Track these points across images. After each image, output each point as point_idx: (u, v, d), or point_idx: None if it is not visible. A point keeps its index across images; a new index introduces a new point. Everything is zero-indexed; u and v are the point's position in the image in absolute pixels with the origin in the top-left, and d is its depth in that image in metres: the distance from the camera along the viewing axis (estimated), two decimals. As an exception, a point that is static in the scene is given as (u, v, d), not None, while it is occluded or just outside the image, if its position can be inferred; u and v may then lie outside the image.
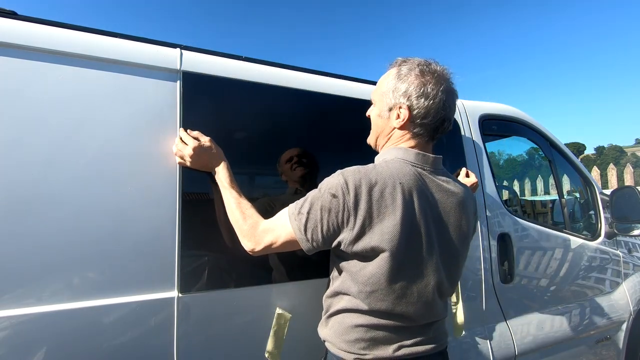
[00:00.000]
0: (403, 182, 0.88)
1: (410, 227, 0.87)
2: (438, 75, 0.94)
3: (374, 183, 0.86)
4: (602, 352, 1.87)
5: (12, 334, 0.82)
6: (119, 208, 0.93)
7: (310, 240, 0.89)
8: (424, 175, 0.93)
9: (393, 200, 0.86)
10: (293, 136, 1.25)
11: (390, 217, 0.85)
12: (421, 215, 0.88)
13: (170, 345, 0.95)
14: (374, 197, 0.85)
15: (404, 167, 0.91)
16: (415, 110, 0.93)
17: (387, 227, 0.85)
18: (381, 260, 0.86)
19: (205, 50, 1.16)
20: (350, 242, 0.87)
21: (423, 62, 0.95)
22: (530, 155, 4.03)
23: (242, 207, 0.99)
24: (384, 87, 0.99)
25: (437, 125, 0.95)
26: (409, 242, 0.87)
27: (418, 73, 0.93)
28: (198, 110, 1.07)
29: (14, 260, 0.83)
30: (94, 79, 0.95)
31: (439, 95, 0.92)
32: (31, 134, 0.87)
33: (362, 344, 0.90)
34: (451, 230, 0.95)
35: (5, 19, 0.91)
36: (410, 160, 0.93)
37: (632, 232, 1.99)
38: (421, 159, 0.95)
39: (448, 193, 0.96)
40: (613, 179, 7.71)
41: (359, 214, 0.85)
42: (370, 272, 0.87)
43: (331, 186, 0.88)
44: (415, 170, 0.92)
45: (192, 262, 1.01)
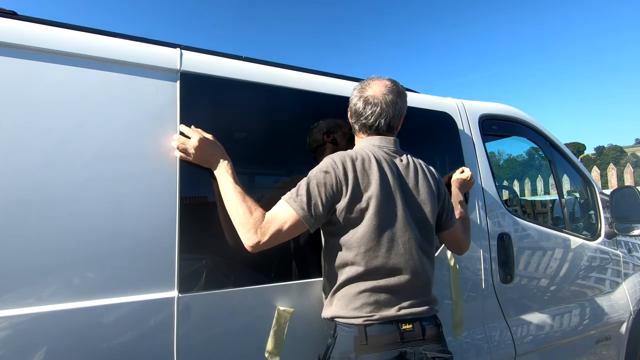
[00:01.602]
0: (375, 155, 1.10)
1: (386, 189, 1.06)
2: (372, 85, 1.19)
3: (356, 157, 1.07)
4: (602, 352, 1.87)
5: (12, 334, 0.81)
6: (119, 208, 0.93)
7: (313, 215, 1.00)
8: (388, 153, 1.15)
9: (371, 169, 1.06)
10: (293, 136, 1.25)
11: (371, 182, 1.05)
12: (391, 180, 1.08)
13: (170, 345, 0.95)
14: (358, 167, 1.05)
15: (372, 147, 1.14)
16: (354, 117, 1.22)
17: (370, 190, 1.04)
18: (368, 220, 1.03)
19: (205, 50, 1.16)
20: (344, 208, 1.02)
21: (368, 80, 1.22)
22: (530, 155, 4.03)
23: (247, 202, 1.00)
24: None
25: (379, 121, 1.16)
26: (387, 201, 1.05)
27: (359, 89, 1.21)
28: (197, 110, 1.07)
29: (14, 260, 0.82)
30: (94, 79, 0.95)
31: (380, 99, 1.17)
32: (31, 134, 0.87)
33: (368, 308, 1.02)
34: (415, 192, 1.13)
35: (5, 19, 0.91)
36: (376, 144, 1.16)
37: (632, 232, 1.99)
38: (384, 141, 1.17)
39: (408, 165, 1.16)
40: (613, 179, 7.71)
41: (348, 182, 1.03)
42: (361, 233, 1.03)
43: (322, 166, 1.05)
44: (381, 149, 1.14)
45: (192, 262, 1.01)
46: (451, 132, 1.59)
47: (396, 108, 1.17)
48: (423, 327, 1.05)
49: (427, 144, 1.56)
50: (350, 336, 1.01)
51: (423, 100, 1.58)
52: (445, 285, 1.41)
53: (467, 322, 1.44)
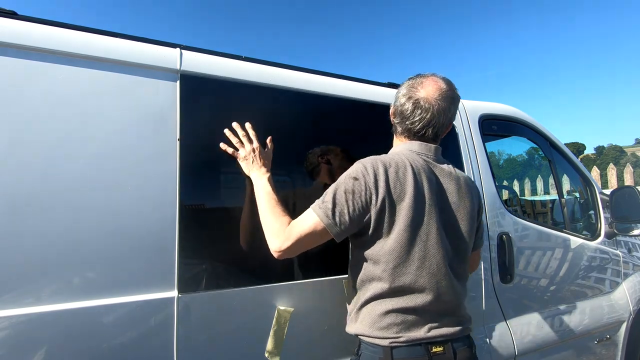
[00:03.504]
0: (413, 163, 1.00)
1: (421, 201, 0.97)
2: (425, 86, 1.07)
3: (389, 164, 0.98)
4: (602, 351, 1.87)
5: (12, 334, 0.82)
6: (119, 208, 0.93)
7: (338, 223, 0.94)
8: (427, 161, 1.05)
9: (406, 178, 0.97)
10: (293, 137, 1.25)
11: (405, 192, 0.96)
12: (428, 191, 0.99)
13: (170, 345, 0.95)
14: (391, 175, 0.96)
15: (410, 155, 1.04)
16: (399, 118, 1.11)
17: (403, 201, 0.96)
18: (398, 234, 0.95)
19: (205, 50, 1.16)
20: (373, 218, 0.95)
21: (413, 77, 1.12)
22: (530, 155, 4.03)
23: (276, 209, 1.02)
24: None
25: (428, 130, 1.07)
26: (421, 214, 0.97)
27: (409, 85, 1.10)
28: (197, 110, 1.07)
29: (14, 260, 0.82)
30: (94, 78, 0.95)
31: (434, 105, 1.05)
32: (31, 134, 0.87)
33: (395, 329, 0.95)
34: (454, 207, 1.04)
35: (5, 19, 0.91)
36: (415, 150, 1.06)
37: (632, 232, 1.99)
38: (424, 148, 1.06)
39: (450, 176, 1.06)
40: (613, 179, 7.71)
41: (379, 191, 0.95)
42: (390, 247, 0.95)
43: (351, 172, 0.98)
44: (420, 157, 1.04)
45: (191, 262, 1.01)
46: (450, 132, 1.59)
47: (447, 116, 1.06)
48: (454, 350, 0.97)
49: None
50: (375, 357, 0.95)
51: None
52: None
53: (467, 322, 1.44)
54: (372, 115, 1.40)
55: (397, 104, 1.10)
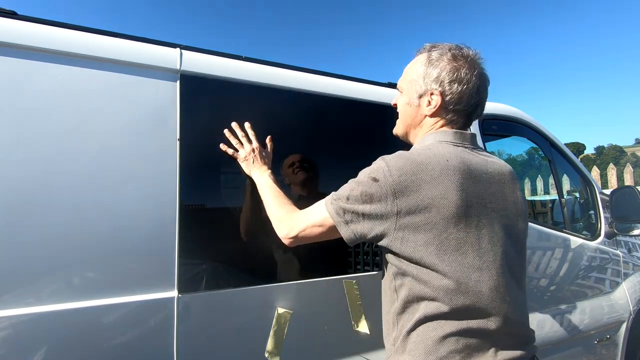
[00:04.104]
0: (450, 159, 0.83)
1: (471, 203, 0.81)
2: (471, 59, 0.91)
3: (420, 163, 0.81)
4: (602, 351, 1.87)
5: (12, 334, 0.82)
6: (119, 208, 0.93)
7: (350, 226, 0.84)
8: (467, 152, 0.89)
9: (447, 176, 0.80)
10: (294, 137, 1.25)
11: (448, 194, 0.79)
12: (477, 192, 0.83)
13: (170, 345, 0.95)
14: (425, 176, 0.80)
15: (446, 147, 0.87)
16: (448, 96, 0.90)
17: (448, 206, 0.78)
18: (450, 247, 0.79)
19: (205, 50, 1.16)
20: (409, 227, 0.80)
21: (454, 47, 0.92)
22: (530, 155, 4.03)
23: (280, 199, 1.01)
24: (414, 74, 0.95)
25: (470, 111, 0.93)
26: (474, 219, 0.81)
27: (450, 58, 0.90)
28: (197, 110, 1.07)
29: (14, 260, 0.82)
30: (94, 78, 0.95)
31: (473, 80, 0.89)
32: (31, 134, 0.87)
33: (457, 357, 0.78)
34: (509, 205, 0.89)
35: (5, 19, 0.91)
36: (450, 140, 0.89)
37: (632, 232, 1.99)
38: (460, 137, 0.91)
39: (495, 168, 0.90)
40: (613, 179, 7.71)
41: (409, 195, 0.79)
42: (445, 263, 0.79)
43: (372, 170, 0.84)
44: (460, 149, 0.88)
45: (191, 262, 1.01)
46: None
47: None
48: None
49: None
50: None
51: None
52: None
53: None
54: (372, 115, 1.40)
55: (458, 86, 0.89)
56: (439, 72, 0.90)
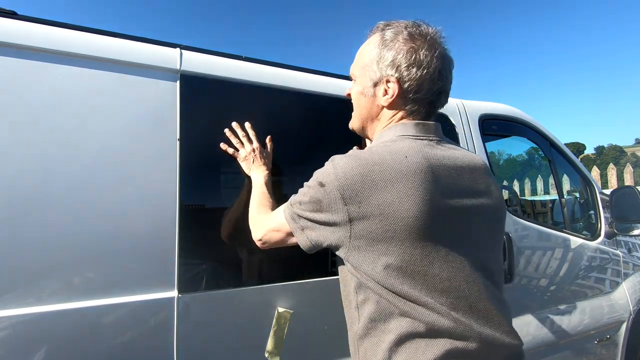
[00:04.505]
0: (410, 156, 0.71)
1: (434, 207, 0.69)
2: (431, 38, 0.78)
3: (372, 164, 0.70)
4: (602, 351, 1.87)
5: (12, 334, 0.82)
6: (119, 208, 0.93)
7: (302, 229, 0.77)
8: (431, 146, 0.77)
9: (403, 181, 0.68)
10: (294, 137, 1.25)
11: (410, 196, 0.67)
12: (444, 191, 0.71)
13: (170, 346, 0.95)
14: (375, 180, 0.69)
15: (406, 142, 0.75)
16: (407, 83, 0.77)
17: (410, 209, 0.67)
18: (405, 260, 0.68)
19: (205, 50, 1.16)
20: (357, 236, 0.70)
21: (411, 24, 0.79)
22: (530, 155, 4.03)
23: (263, 202, 1.01)
24: (366, 58, 0.83)
25: (433, 99, 0.80)
26: (436, 224, 0.69)
27: (406, 37, 0.77)
28: (198, 110, 1.07)
29: (14, 260, 0.82)
30: (94, 78, 0.95)
31: (434, 63, 0.76)
32: (31, 135, 0.87)
33: None
34: (483, 199, 0.78)
35: (5, 19, 0.91)
36: (412, 134, 0.78)
37: (632, 232, 1.99)
38: (422, 129, 0.79)
39: (465, 161, 0.79)
40: (613, 179, 7.71)
41: (356, 202, 0.69)
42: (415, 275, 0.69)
43: (320, 174, 0.76)
44: (422, 143, 0.76)
45: (191, 262, 1.01)
46: (450, 132, 1.59)
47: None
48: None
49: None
50: None
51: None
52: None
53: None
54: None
55: (417, 70, 0.76)
56: (394, 55, 0.77)
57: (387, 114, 0.83)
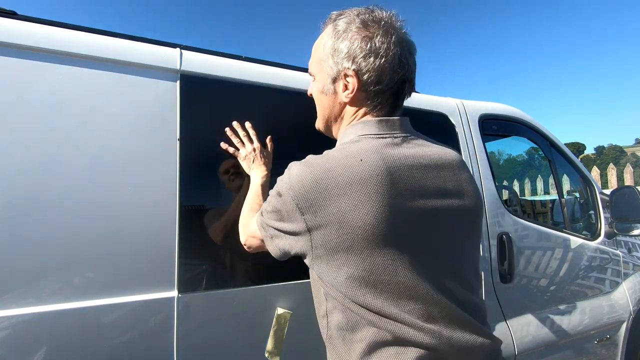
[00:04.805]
0: (366, 158, 0.66)
1: (394, 212, 0.64)
2: (385, 23, 0.72)
3: (326, 170, 0.66)
4: (602, 351, 1.87)
5: (12, 334, 0.82)
6: (119, 208, 0.93)
7: (271, 237, 0.75)
8: (395, 144, 0.71)
9: (356, 187, 0.64)
10: (294, 137, 1.25)
11: (356, 208, 0.63)
12: (408, 193, 0.66)
13: (170, 345, 0.95)
14: (328, 187, 0.65)
15: (366, 142, 0.71)
16: (365, 75, 0.72)
17: (357, 223, 0.63)
18: (365, 271, 0.65)
19: (205, 50, 1.16)
20: (317, 246, 0.67)
21: (364, 11, 0.74)
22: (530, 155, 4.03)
23: (253, 206, 1.00)
24: (321, 53, 0.78)
25: (397, 89, 0.75)
26: (399, 231, 0.65)
27: (359, 25, 0.72)
28: (197, 110, 1.07)
29: (14, 260, 0.82)
30: (94, 78, 0.95)
31: (392, 49, 0.71)
32: (31, 135, 0.87)
33: None
34: (455, 199, 0.72)
35: (5, 19, 0.91)
36: (373, 133, 0.73)
37: (632, 232, 1.99)
38: (386, 126, 0.73)
39: (435, 157, 0.73)
40: (613, 179, 7.71)
41: (312, 211, 0.66)
42: (375, 285, 0.65)
43: (279, 182, 0.73)
44: (382, 142, 0.71)
45: (192, 261, 1.01)
46: (450, 132, 1.59)
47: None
48: None
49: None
50: None
51: (422, 100, 1.58)
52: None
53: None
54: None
55: (375, 60, 0.71)
56: (349, 46, 0.72)
57: (349, 111, 0.78)
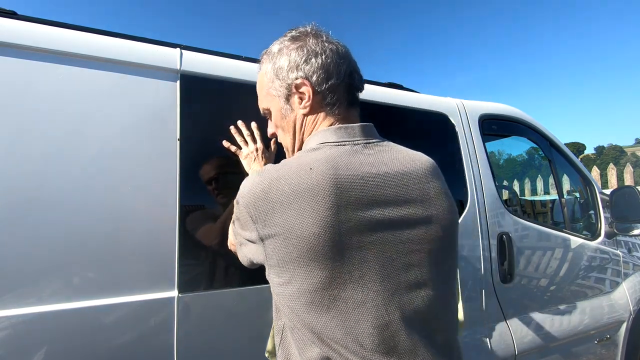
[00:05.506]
0: (316, 167, 0.64)
1: (341, 223, 0.61)
2: (312, 30, 0.77)
3: (274, 180, 0.65)
4: (602, 351, 1.87)
5: (12, 334, 0.82)
6: (119, 208, 0.93)
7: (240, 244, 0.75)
8: (353, 151, 0.69)
9: (301, 198, 0.62)
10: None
11: (300, 220, 0.61)
12: (359, 204, 0.63)
13: (170, 345, 0.95)
14: (275, 198, 0.63)
15: (321, 152, 0.68)
16: (314, 77, 0.73)
17: (301, 235, 0.61)
18: (311, 288, 0.61)
19: (205, 50, 1.16)
20: (269, 256, 0.65)
21: (289, 31, 0.79)
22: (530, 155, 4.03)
23: None
24: (265, 83, 0.81)
25: (348, 82, 0.76)
26: (347, 244, 0.61)
27: (290, 40, 0.76)
28: (198, 110, 1.07)
29: (14, 260, 0.82)
30: (94, 78, 0.95)
31: (327, 47, 0.74)
32: (31, 134, 0.87)
33: None
34: (418, 208, 0.68)
35: (5, 19, 0.91)
36: (332, 141, 0.71)
37: (632, 232, 1.99)
38: (344, 133, 0.72)
39: (394, 166, 0.69)
40: (613, 179, 7.71)
41: (261, 221, 0.65)
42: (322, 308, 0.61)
43: (240, 189, 0.71)
44: (341, 150, 0.69)
45: (192, 261, 1.01)
46: (451, 132, 1.59)
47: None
48: None
49: (426, 143, 1.56)
50: None
51: (422, 100, 1.58)
52: (445, 285, 1.41)
53: (467, 321, 1.44)
54: (373, 114, 1.40)
55: (316, 59, 0.73)
56: (288, 59, 0.74)
57: (310, 120, 0.77)
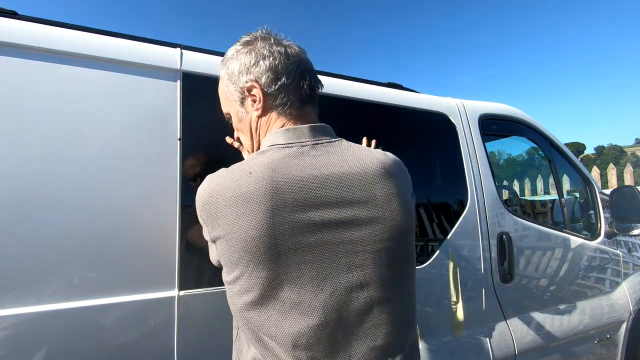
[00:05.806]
0: (256, 171, 0.65)
1: (277, 225, 0.62)
2: (261, 34, 0.79)
3: (218, 184, 0.67)
4: (602, 351, 1.87)
5: (12, 334, 0.82)
6: (119, 207, 0.93)
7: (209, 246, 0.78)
8: (299, 155, 0.69)
9: (239, 202, 0.63)
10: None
11: (237, 223, 0.63)
12: (296, 206, 0.64)
13: (170, 344, 0.95)
14: (218, 202, 0.65)
15: (269, 155, 0.69)
16: (263, 79, 0.74)
17: (238, 239, 0.63)
18: (252, 290, 0.64)
19: (206, 50, 1.16)
20: (220, 257, 0.69)
21: (242, 36, 0.80)
22: (530, 155, 4.03)
23: None
24: (223, 89, 0.83)
25: (299, 80, 0.77)
26: (284, 247, 0.63)
27: (240, 46, 0.78)
28: (198, 110, 1.07)
29: (14, 259, 0.82)
30: (94, 78, 0.95)
31: (275, 49, 0.75)
32: (31, 134, 0.87)
33: None
34: (357, 212, 0.67)
35: (5, 19, 0.91)
36: (280, 143, 0.71)
37: (632, 232, 1.99)
38: (293, 134, 0.72)
39: (340, 168, 0.69)
40: (613, 179, 7.71)
41: (210, 224, 0.68)
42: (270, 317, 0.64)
43: (197, 193, 0.73)
44: (287, 152, 0.69)
45: (192, 260, 1.01)
46: (451, 132, 1.59)
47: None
48: None
49: (426, 143, 1.56)
50: None
51: (422, 100, 1.58)
52: (445, 285, 1.41)
53: (467, 321, 1.44)
54: (372, 115, 1.40)
55: (264, 62, 0.74)
56: (238, 64, 0.76)
57: (263, 122, 0.78)
